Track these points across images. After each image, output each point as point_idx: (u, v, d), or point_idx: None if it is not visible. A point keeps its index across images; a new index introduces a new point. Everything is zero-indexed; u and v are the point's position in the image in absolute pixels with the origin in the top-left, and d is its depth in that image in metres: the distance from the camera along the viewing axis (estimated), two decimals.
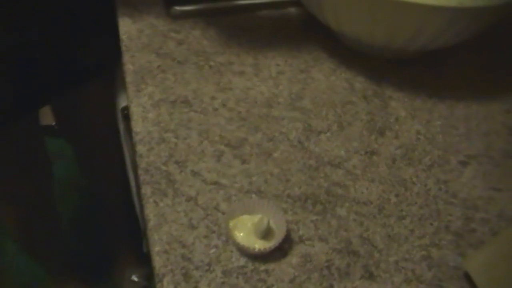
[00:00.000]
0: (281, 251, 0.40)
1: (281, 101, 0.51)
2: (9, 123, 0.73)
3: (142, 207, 0.45)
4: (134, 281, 1.12)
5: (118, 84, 0.77)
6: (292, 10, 0.61)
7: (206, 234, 0.40)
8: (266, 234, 0.40)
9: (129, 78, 0.52)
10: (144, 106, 0.49)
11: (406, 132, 0.49)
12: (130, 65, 0.53)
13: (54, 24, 0.65)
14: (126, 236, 1.12)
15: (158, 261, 0.39)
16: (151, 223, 0.41)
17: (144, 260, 1.11)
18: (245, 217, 0.40)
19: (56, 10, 0.65)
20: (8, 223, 1.00)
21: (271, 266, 0.39)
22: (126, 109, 0.70)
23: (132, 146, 0.49)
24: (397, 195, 0.44)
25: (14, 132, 0.76)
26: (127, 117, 0.70)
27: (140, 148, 0.46)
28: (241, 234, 0.39)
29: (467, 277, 0.39)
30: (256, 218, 0.40)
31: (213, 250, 0.40)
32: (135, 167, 0.51)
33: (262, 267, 0.39)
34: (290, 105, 0.51)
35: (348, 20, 0.50)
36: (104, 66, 0.76)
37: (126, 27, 0.57)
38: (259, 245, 0.39)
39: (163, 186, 0.43)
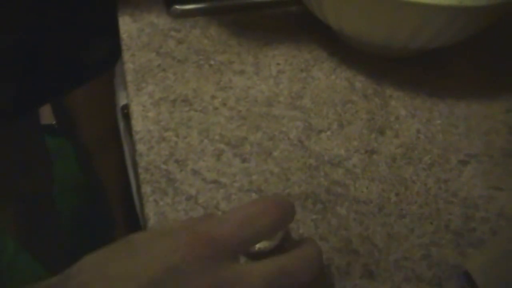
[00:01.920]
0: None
1: (282, 100, 0.51)
2: (10, 122, 0.73)
3: (142, 205, 0.45)
4: None
5: (118, 82, 0.77)
6: (293, 9, 0.61)
7: None
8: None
9: (129, 77, 0.52)
10: (144, 105, 0.49)
11: (406, 131, 0.49)
12: (130, 64, 0.53)
13: (54, 23, 0.65)
14: (126, 234, 1.12)
15: None
16: (151, 222, 0.41)
17: None
18: None
19: (56, 8, 0.65)
20: (8, 222, 1.00)
21: None
22: (126, 107, 0.70)
23: (132, 145, 0.49)
24: (397, 194, 0.44)
25: (14, 130, 0.76)
26: (127, 116, 0.70)
27: (140, 147, 0.46)
28: None
29: (467, 276, 0.39)
30: None
31: None
32: (135, 165, 0.51)
33: None
34: (291, 104, 0.51)
35: (348, 19, 0.50)
36: (105, 66, 0.77)
37: (126, 26, 0.57)
38: (259, 244, 0.39)
39: (163, 185, 0.43)
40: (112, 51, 0.68)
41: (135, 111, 0.49)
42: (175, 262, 0.28)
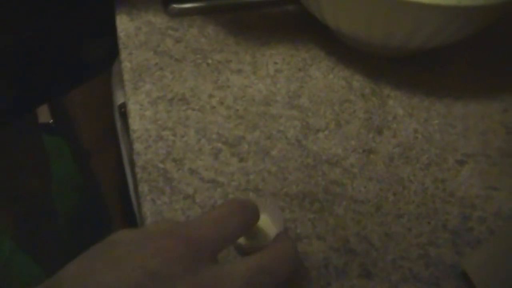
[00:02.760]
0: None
1: (279, 99, 0.51)
2: (8, 122, 0.73)
3: (139, 205, 0.45)
4: None
5: (115, 81, 0.76)
6: (290, 8, 0.61)
7: None
8: (264, 232, 0.39)
9: (126, 75, 0.52)
10: (141, 104, 0.49)
11: (404, 131, 0.49)
12: (127, 62, 0.53)
13: (52, 24, 0.65)
14: None
15: None
16: (149, 221, 0.41)
17: None
18: None
19: (54, 9, 0.64)
20: (4, 221, 1.00)
21: None
22: (123, 106, 0.70)
23: (129, 144, 0.49)
24: (394, 194, 0.44)
25: (13, 130, 0.76)
26: (124, 115, 0.70)
27: (138, 146, 0.46)
28: None
29: (464, 276, 0.39)
30: None
31: None
32: (132, 164, 0.51)
33: None
34: (288, 103, 0.51)
35: (346, 18, 0.50)
36: (103, 65, 0.76)
37: (124, 24, 0.57)
38: (257, 243, 0.39)
39: (161, 184, 0.43)
40: (110, 50, 0.68)
41: (133, 110, 0.49)
42: (155, 267, 0.28)
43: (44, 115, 1.16)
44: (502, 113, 0.52)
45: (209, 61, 0.54)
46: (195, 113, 0.49)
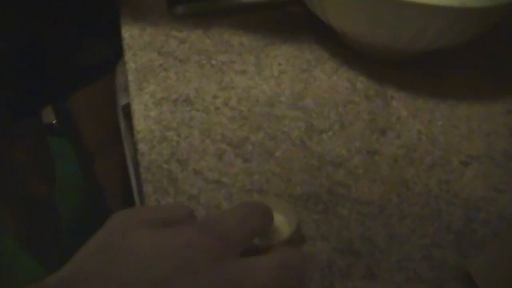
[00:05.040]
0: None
1: (283, 100, 0.51)
2: (12, 124, 0.73)
3: (143, 205, 0.45)
4: None
5: (119, 82, 0.77)
6: (295, 9, 0.61)
7: None
8: (278, 232, 0.39)
9: (131, 76, 0.52)
10: (146, 105, 0.49)
11: (408, 132, 0.49)
12: (132, 63, 0.53)
13: (54, 27, 0.65)
14: None
15: None
16: None
17: None
18: None
19: (56, 11, 0.65)
20: (8, 222, 1.00)
21: None
22: (127, 107, 0.70)
23: (133, 144, 0.49)
24: (398, 195, 0.44)
25: (17, 130, 0.76)
26: (128, 116, 0.70)
27: (142, 147, 0.46)
28: None
29: (468, 278, 0.39)
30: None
31: None
32: (136, 165, 0.51)
33: None
34: (292, 105, 0.51)
35: (350, 20, 0.50)
36: (105, 69, 0.76)
37: (128, 25, 0.57)
38: (271, 242, 0.39)
39: (165, 184, 0.43)
40: (113, 52, 0.68)
41: (137, 110, 0.49)
42: (185, 260, 0.29)
43: (48, 115, 1.17)
44: (506, 115, 0.52)
45: (213, 62, 0.54)
46: (199, 114, 0.49)
